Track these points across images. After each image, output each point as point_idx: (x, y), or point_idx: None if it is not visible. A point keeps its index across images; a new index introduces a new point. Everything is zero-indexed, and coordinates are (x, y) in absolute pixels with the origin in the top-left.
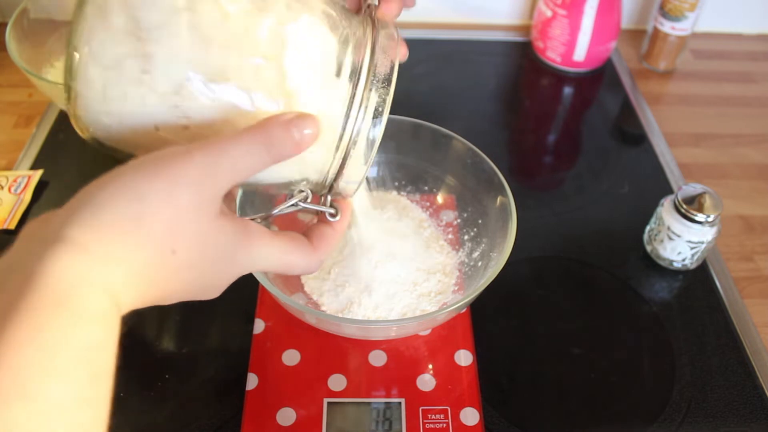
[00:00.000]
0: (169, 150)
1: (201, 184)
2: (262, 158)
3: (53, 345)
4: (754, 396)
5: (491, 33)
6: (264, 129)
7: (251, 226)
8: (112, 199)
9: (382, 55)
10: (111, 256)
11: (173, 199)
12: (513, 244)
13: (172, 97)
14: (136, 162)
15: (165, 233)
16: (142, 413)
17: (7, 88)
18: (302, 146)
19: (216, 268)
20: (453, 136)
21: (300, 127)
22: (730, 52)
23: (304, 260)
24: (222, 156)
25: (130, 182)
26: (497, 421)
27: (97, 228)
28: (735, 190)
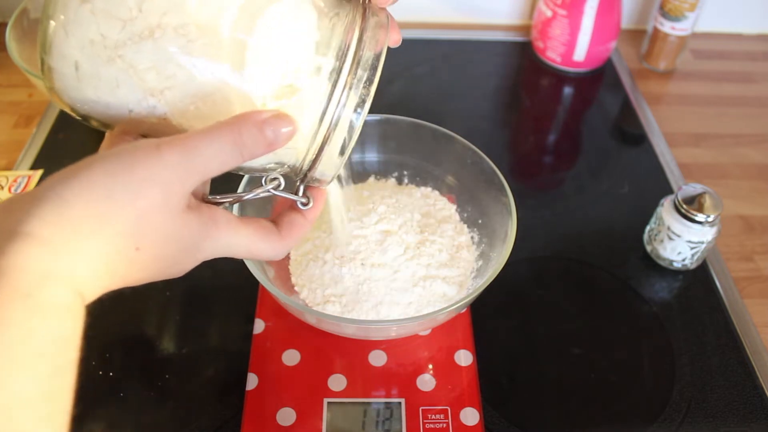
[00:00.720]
0: (140, 146)
1: (170, 184)
2: (234, 157)
3: (17, 338)
4: (754, 396)
5: (491, 33)
6: (237, 128)
7: (218, 216)
8: (78, 195)
9: (370, 41)
10: (74, 251)
11: (140, 199)
12: (513, 244)
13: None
14: (104, 157)
15: (130, 231)
16: (142, 413)
17: (7, 88)
18: (275, 146)
19: (180, 257)
20: (453, 136)
21: (275, 126)
22: (730, 52)
23: (271, 248)
24: (193, 155)
25: (97, 179)
26: (497, 421)
27: (61, 223)
28: (735, 190)
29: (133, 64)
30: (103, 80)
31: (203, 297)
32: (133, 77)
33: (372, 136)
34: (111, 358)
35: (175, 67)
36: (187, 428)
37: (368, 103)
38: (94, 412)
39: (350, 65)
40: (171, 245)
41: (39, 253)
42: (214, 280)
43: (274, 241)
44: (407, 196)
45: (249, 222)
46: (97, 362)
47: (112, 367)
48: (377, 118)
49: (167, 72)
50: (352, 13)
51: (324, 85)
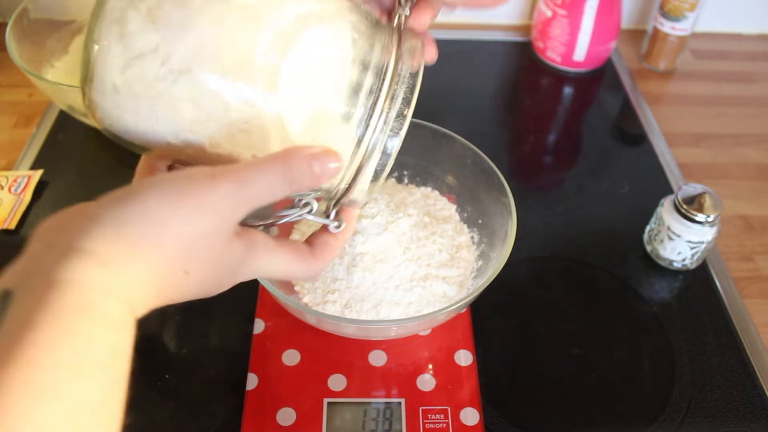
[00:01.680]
0: (194, 174)
1: (222, 213)
2: (283, 189)
3: (81, 347)
4: (754, 396)
5: (491, 33)
6: (287, 162)
7: (257, 240)
8: (134, 219)
9: (405, 65)
10: (129, 271)
11: (193, 228)
12: (513, 244)
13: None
14: (159, 182)
15: (181, 256)
16: (142, 413)
17: (7, 88)
18: (322, 181)
19: (223, 280)
20: (453, 136)
21: (322, 162)
22: (730, 52)
23: (305, 270)
24: (246, 187)
25: (153, 205)
26: (497, 421)
27: (117, 244)
28: (735, 190)
29: (171, 99)
30: (142, 114)
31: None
32: (169, 111)
33: None
34: None
35: (212, 99)
36: (187, 428)
37: (405, 127)
38: None
39: (388, 87)
40: (216, 269)
41: (98, 270)
42: None
43: (309, 264)
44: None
45: (285, 245)
46: None
47: None
48: None
49: (204, 105)
50: (389, 35)
51: (361, 110)
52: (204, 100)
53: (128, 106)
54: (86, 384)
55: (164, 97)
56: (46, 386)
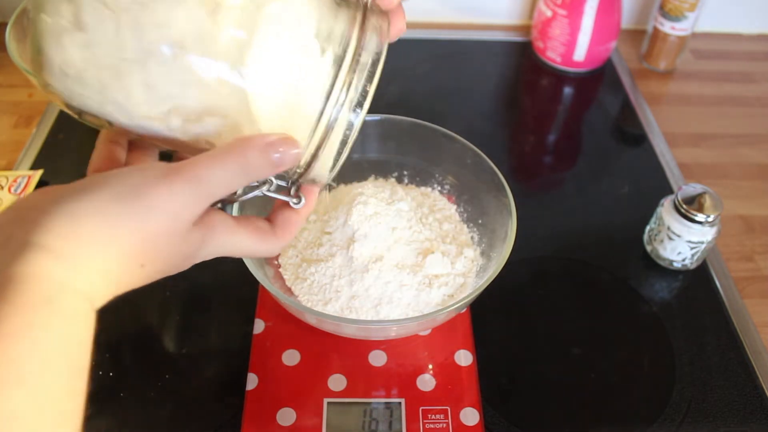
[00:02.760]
0: (148, 173)
1: (177, 213)
2: (241, 181)
3: (44, 339)
4: (754, 396)
5: (491, 33)
6: (243, 152)
7: (215, 221)
8: (89, 215)
9: (370, 39)
10: (85, 265)
11: (147, 225)
12: (513, 244)
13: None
14: (114, 179)
15: (136, 252)
16: (142, 413)
17: (7, 88)
18: (281, 169)
19: (179, 265)
20: (453, 136)
21: (279, 150)
22: (730, 52)
23: (267, 247)
24: (202, 184)
25: (107, 201)
26: (497, 421)
27: (74, 239)
28: (735, 190)
29: (125, 84)
30: (95, 97)
31: (203, 297)
32: (122, 95)
33: (372, 136)
34: (111, 358)
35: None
36: (187, 428)
37: (367, 102)
38: (94, 412)
39: (350, 59)
40: (173, 259)
41: (54, 264)
42: (214, 280)
43: (269, 241)
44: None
45: (245, 223)
46: (98, 362)
47: (112, 367)
48: (377, 118)
49: (167, 86)
50: (354, 9)
51: (323, 81)
52: (160, 82)
53: (80, 89)
54: (49, 374)
55: (117, 83)
56: (10, 376)
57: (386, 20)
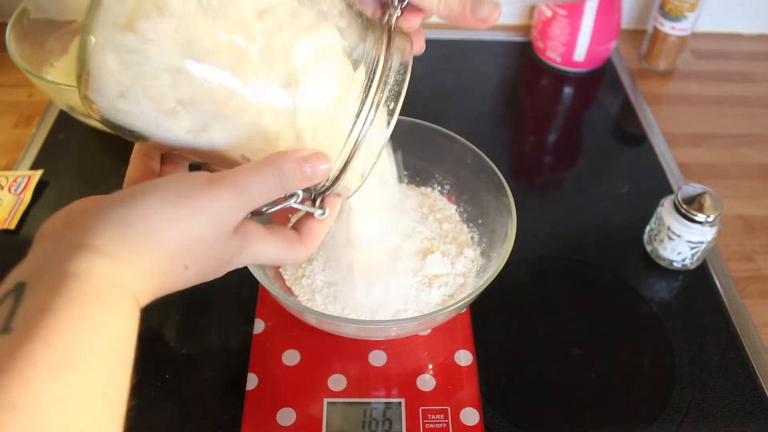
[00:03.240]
0: (194, 179)
1: (221, 218)
2: (278, 191)
3: (95, 332)
4: (754, 396)
5: (491, 33)
6: (280, 165)
7: (250, 231)
8: (137, 219)
9: (395, 60)
10: (134, 266)
11: (192, 228)
12: (513, 244)
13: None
14: (160, 186)
15: (181, 254)
16: (142, 413)
17: (7, 88)
18: (313, 182)
19: (219, 269)
20: (453, 136)
21: (313, 164)
22: (730, 52)
23: (294, 255)
24: (243, 192)
25: (154, 208)
26: (497, 421)
27: (123, 242)
28: (735, 190)
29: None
30: (140, 116)
31: (203, 297)
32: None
33: None
34: None
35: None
36: (187, 428)
37: (393, 121)
38: None
39: (378, 81)
40: (214, 262)
41: (106, 263)
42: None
43: (297, 249)
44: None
45: (275, 232)
46: None
47: None
48: None
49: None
50: (380, 33)
51: (352, 103)
52: (203, 103)
53: (126, 106)
54: (97, 364)
55: (162, 102)
56: (62, 363)
57: (409, 41)
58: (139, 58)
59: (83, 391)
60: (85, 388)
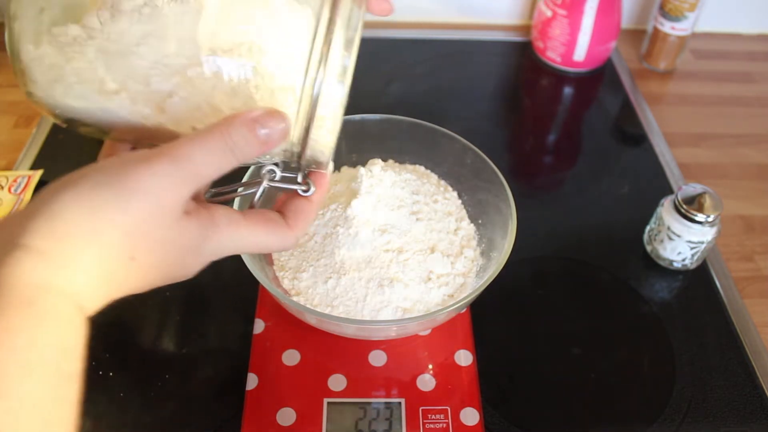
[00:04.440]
0: (129, 158)
1: (162, 194)
2: (228, 160)
3: (24, 346)
4: (754, 396)
5: (491, 33)
6: (227, 130)
7: (217, 216)
8: (67, 208)
9: (345, 7)
10: (70, 263)
11: (129, 210)
12: (513, 244)
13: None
14: (94, 169)
15: (121, 242)
16: (142, 413)
17: (7, 88)
18: (270, 146)
19: (182, 261)
20: (453, 136)
21: (266, 124)
22: (730, 52)
23: (279, 240)
24: (184, 163)
25: (87, 192)
26: (497, 421)
27: (54, 236)
28: (735, 190)
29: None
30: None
31: (203, 297)
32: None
33: (372, 136)
34: (111, 358)
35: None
36: (187, 428)
37: (350, 71)
38: (94, 412)
39: (326, 31)
40: (169, 252)
41: (36, 264)
42: (214, 280)
43: (282, 233)
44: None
45: (252, 216)
46: (97, 362)
47: (112, 367)
48: (377, 118)
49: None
50: None
51: (299, 54)
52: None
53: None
54: (31, 382)
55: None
56: None
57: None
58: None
59: (14, 413)
60: (17, 410)
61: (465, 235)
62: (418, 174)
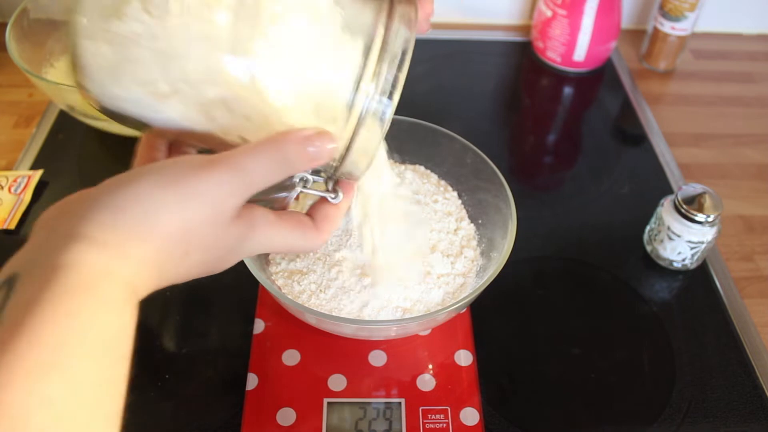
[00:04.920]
0: (190, 161)
1: (220, 201)
2: (279, 174)
3: (84, 327)
4: (754, 396)
5: (491, 33)
6: (282, 146)
7: (256, 217)
8: (130, 204)
9: (398, 27)
10: (128, 254)
11: (188, 214)
12: (513, 244)
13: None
14: (155, 169)
15: (178, 240)
16: (141, 413)
17: (7, 88)
18: (318, 163)
19: (224, 258)
20: (453, 136)
21: (316, 144)
22: (730, 52)
23: (307, 241)
24: (242, 174)
25: (149, 189)
26: (497, 421)
27: (115, 229)
28: (735, 190)
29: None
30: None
31: (203, 297)
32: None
33: None
34: None
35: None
36: (187, 428)
37: (398, 92)
38: None
39: (378, 48)
40: (217, 250)
41: (97, 253)
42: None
43: (311, 236)
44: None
45: (286, 218)
46: None
47: None
48: None
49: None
50: (380, 2)
51: (352, 73)
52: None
53: (118, 92)
54: (88, 361)
55: (153, 86)
56: (49, 362)
57: (414, 8)
58: (127, 44)
59: (72, 389)
60: (75, 386)
61: (465, 235)
62: (418, 174)
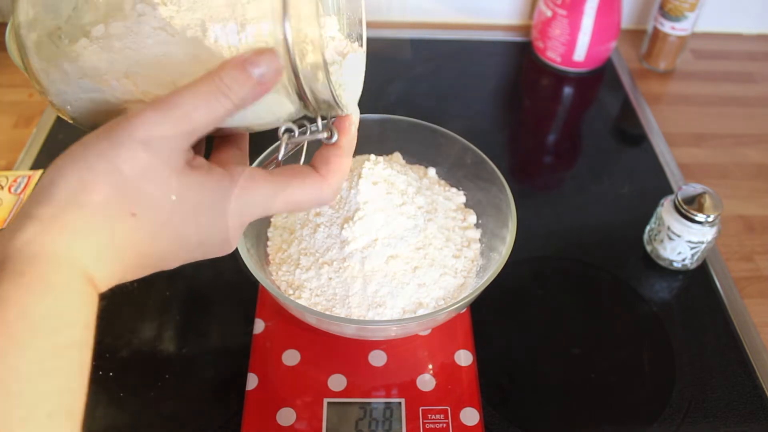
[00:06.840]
0: (118, 119)
1: (153, 142)
2: (223, 105)
3: (12, 315)
4: (754, 396)
5: (491, 33)
6: (217, 74)
7: (235, 172)
8: (62, 172)
9: None
10: (68, 227)
11: (120, 163)
12: (513, 244)
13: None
14: (91, 133)
15: (116, 198)
16: (142, 413)
17: (7, 88)
18: (265, 86)
19: (203, 222)
20: (453, 136)
21: (258, 63)
22: (730, 52)
23: (312, 192)
24: (173, 109)
25: (79, 153)
26: (497, 421)
27: (50, 201)
28: (735, 190)
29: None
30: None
31: (203, 297)
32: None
33: (372, 136)
34: (111, 358)
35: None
36: (187, 428)
37: (363, 13)
38: (93, 412)
39: None
40: (182, 208)
41: (36, 232)
42: (214, 280)
43: (315, 185)
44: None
45: (279, 171)
46: (97, 362)
47: (112, 367)
48: (377, 118)
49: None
50: None
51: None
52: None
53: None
54: (17, 352)
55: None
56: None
57: None
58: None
59: (2, 384)
60: (3, 379)
61: (465, 235)
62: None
